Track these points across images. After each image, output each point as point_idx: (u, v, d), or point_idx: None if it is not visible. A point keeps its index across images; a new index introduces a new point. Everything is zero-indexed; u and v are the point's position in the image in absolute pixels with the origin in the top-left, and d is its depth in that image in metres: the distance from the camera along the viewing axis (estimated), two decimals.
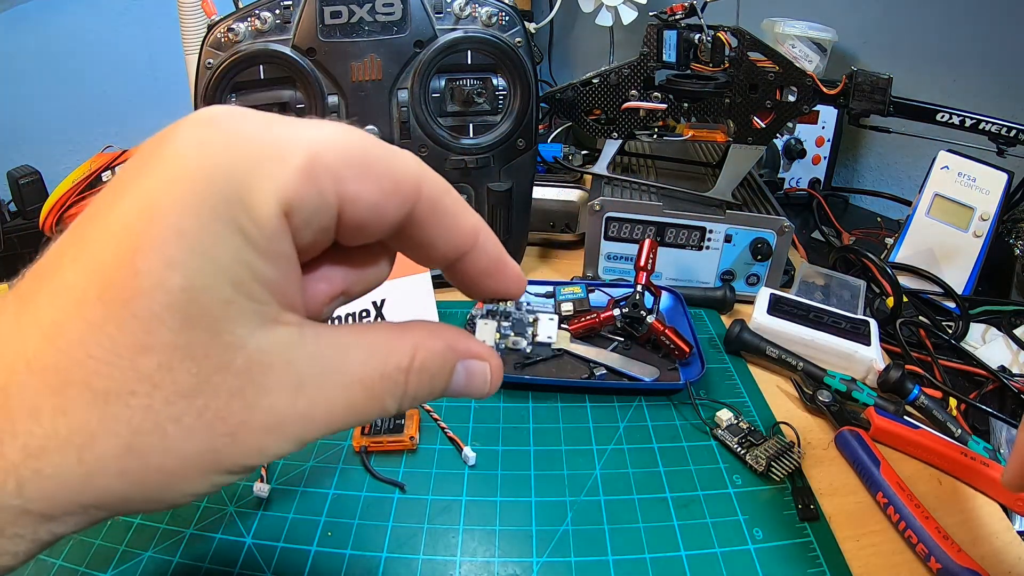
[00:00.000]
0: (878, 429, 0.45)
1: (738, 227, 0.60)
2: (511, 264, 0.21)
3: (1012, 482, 0.30)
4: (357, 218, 0.17)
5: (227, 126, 0.16)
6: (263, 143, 0.16)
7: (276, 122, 0.16)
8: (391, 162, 0.17)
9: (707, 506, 0.40)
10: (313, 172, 0.16)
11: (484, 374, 0.20)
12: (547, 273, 0.69)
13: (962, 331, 0.60)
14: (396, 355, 0.18)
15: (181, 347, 0.14)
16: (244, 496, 0.40)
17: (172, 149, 0.15)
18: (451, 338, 0.20)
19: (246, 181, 0.15)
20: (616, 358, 0.53)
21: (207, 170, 0.15)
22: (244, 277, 0.15)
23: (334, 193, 0.16)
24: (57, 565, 0.36)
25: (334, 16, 0.50)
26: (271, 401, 0.16)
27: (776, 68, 0.55)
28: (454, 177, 0.57)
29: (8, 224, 0.73)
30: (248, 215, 0.15)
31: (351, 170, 0.16)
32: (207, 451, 0.15)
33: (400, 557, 0.37)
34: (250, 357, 0.15)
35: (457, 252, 0.20)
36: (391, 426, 0.44)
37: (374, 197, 0.17)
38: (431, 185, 0.18)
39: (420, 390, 0.19)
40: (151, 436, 0.14)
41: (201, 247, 0.14)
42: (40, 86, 0.98)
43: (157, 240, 0.14)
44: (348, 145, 0.16)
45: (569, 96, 0.61)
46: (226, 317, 0.15)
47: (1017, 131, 0.53)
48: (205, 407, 0.15)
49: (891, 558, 0.37)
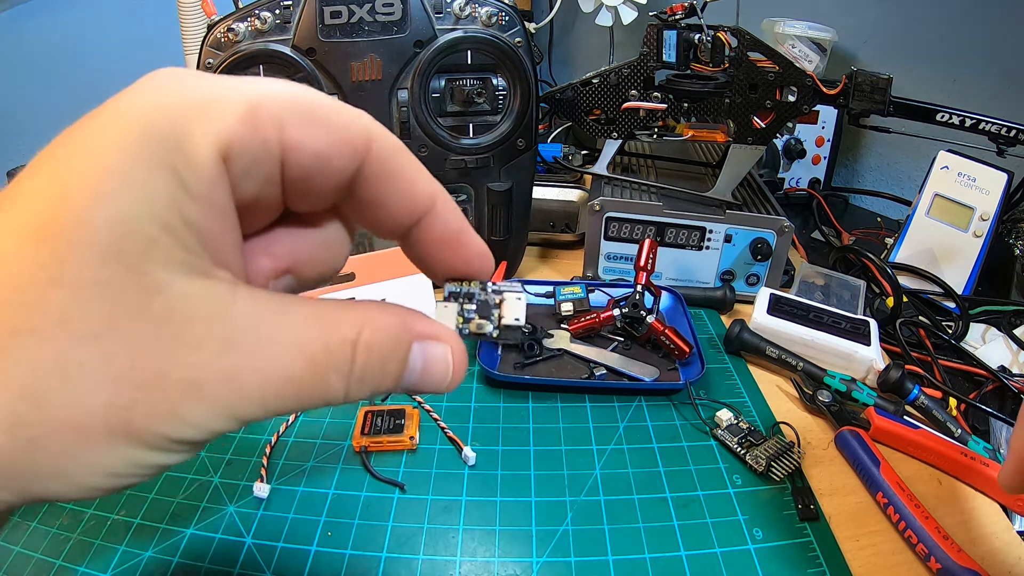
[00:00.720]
0: (878, 429, 0.45)
1: (738, 227, 0.60)
2: (474, 238, 0.20)
3: (1008, 484, 0.30)
4: (302, 167, 0.16)
5: (170, 81, 0.15)
6: (205, 92, 0.15)
7: (222, 77, 0.16)
8: (339, 112, 0.17)
9: (707, 506, 0.40)
10: (254, 116, 0.15)
11: (445, 359, 0.18)
12: (547, 273, 0.69)
13: (962, 331, 0.60)
14: (343, 326, 0.16)
15: (96, 283, 0.13)
16: (244, 496, 0.40)
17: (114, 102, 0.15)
18: (406, 316, 0.18)
19: (184, 126, 0.14)
20: (616, 358, 0.53)
21: (146, 116, 0.14)
22: (174, 220, 0.14)
23: (276, 140, 0.16)
24: (57, 565, 0.36)
25: (334, 16, 0.50)
26: (190, 357, 0.14)
27: (776, 68, 0.55)
28: (454, 177, 0.57)
29: None
30: (183, 157, 0.14)
31: (295, 116, 0.16)
32: (115, 407, 0.13)
33: (400, 557, 0.37)
34: (170, 304, 0.14)
35: (411, 215, 0.19)
36: (391, 426, 0.44)
37: (320, 144, 0.16)
38: (383, 141, 0.17)
39: (369, 370, 0.17)
40: (51, 379, 0.13)
41: (132, 184, 0.14)
42: (40, 85, 0.98)
43: (89, 175, 0.14)
44: (293, 94, 0.16)
45: (569, 96, 0.61)
46: (149, 257, 0.14)
47: (1017, 131, 0.53)
48: (114, 353, 0.13)
49: (891, 558, 0.37)
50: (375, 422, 0.45)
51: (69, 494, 0.14)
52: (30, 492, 0.14)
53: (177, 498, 0.40)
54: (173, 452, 0.15)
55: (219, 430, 0.15)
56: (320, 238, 0.19)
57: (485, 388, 0.51)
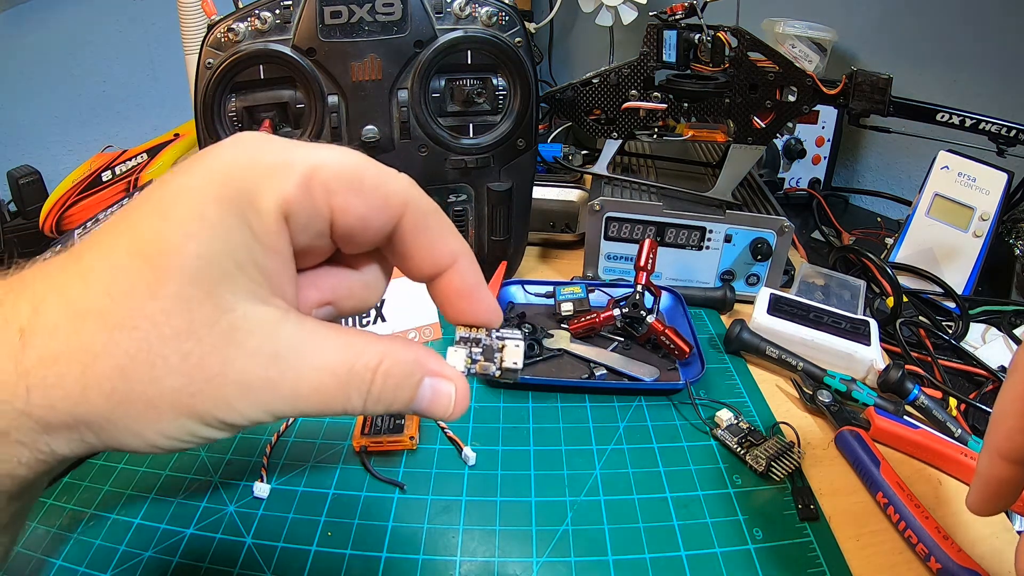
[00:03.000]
0: (878, 429, 0.45)
1: (738, 227, 0.60)
2: (487, 294, 0.24)
3: (976, 508, 0.28)
4: (346, 226, 0.20)
5: (249, 145, 0.20)
6: (274, 159, 0.19)
7: (290, 144, 0.20)
8: (383, 181, 0.21)
9: (707, 506, 0.40)
10: (309, 185, 0.19)
11: (449, 396, 0.22)
12: (547, 273, 0.69)
13: (962, 331, 0.60)
14: (367, 355, 0.20)
15: (182, 299, 0.17)
16: (244, 496, 0.40)
17: (204, 158, 0.19)
18: (421, 355, 0.21)
19: (256, 187, 0.19)
20: (616, 358, 0.53)
21: (228, 175, 0.19)
22: (245, 259, 0.18)
23: (326, 204, 0.20)
24: (57, 565, 0.36)
25: (334, 16, 0.50)
26: (245, 363, 0.18)
27: (776, 68, 0.55)
28: (454, 177, 0.57)
29: (8, 224, 0.73)
30: (255, 212, 0.18)
31: (343, 185, 0.20)
32: (184, 392, 0.18)
33: (400, 557, 0.37)
34: (234, 322, 0.18)
35: (435, 268, 0.23)
36: (391, 426, 0.44)
37: (362, 210, 0.20)
38: (417, 205, 0.21)
39: (384, 393, 0.20)
40: (141, 365, 0.17)
41: (215, 228, 0.18)
42: (40, 86, 0.98)
43: (183, 217, 0.18)
44: (343, 164, 0.20)
45: (569, 96, 0.61)
46: (223, 285, 0.18)
47: (1017, 131, 0.53)
48: (190, 352, 0.18)
49: (891, 558, 0.37)
50: (375, 422, 0.44)
51: (137, 447, 0.18)
52: (112, 440, 0.18)
53: (177, 498, 0.40)
54: (219, 430, 0.19)
55: (258, 420, 0.19)
56: (360, 279, 0.24)
57: (485, 388, 0.51)
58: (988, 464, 0.27)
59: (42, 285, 0.18)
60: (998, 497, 0.27)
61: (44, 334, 0.17)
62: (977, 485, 0.28)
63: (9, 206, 0.76)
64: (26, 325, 0.17)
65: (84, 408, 0.17)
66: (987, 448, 0.27)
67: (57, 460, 0.18)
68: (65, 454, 0.18)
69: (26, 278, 0.18)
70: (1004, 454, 0.26)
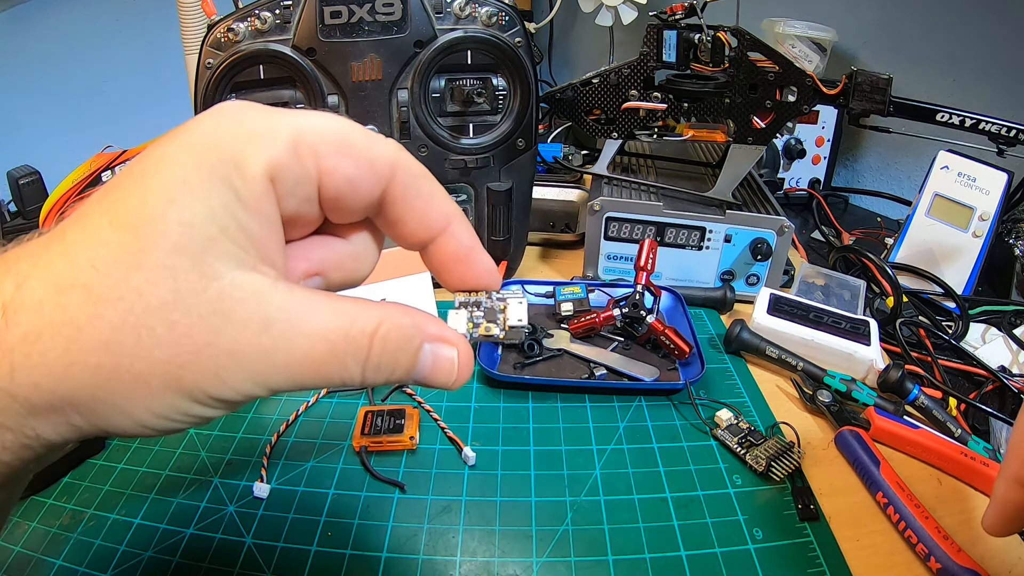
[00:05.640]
0: (878, 429, 0.45)
1: (738, 227, 0.60)
2: (483, 256, 0.23)
3: (992, 530, 0.30)
4: (335, 189, 0.20)
5: (233, 112, 0.19)
6: (259, 124, 0.19)
7: (274, 111, 0.19)
8: (370, 143, 0.20)
9: (707, 506, 0.40)
10: (296, 147, 0.19)
11: (451, 360, 0.21)
12: (547, 273, 0.69)
13: (962, 331, 0.60)
14: (362, 320, 0.19)
15: (167, 268, 0.17)
16: (244, 496, 0.40)
17: (185, 128, 0.18)
18: (420, 318, 0.21)
19: (241, 151, 0.18)
20: (616, 358, 0.53)
21: (211, 141, 0.18)
22: (230, 224, 0.18)
23: (314, 166, 0.19)
24: (57, 565, 0.36)
25: (334, 16, 0.50)
26: (235, 331, 0.17)
27: (776, 68, 0.55)
28: (454, 177, 0.57)
29: (8, 224, 0.73)
30: (240, 176, 0.18)
31: (330, 148, 0.19)
32: (172, 363, 0.17)
33: (400, 557, 0.37)
34: (222, 290, 0.17)
35: (428, 233, 0.22)
36: (391, 426, 0.44)
37: (350, 171, 0.20)
38: (406, 168, 0.21)
39: (383, 361, 0.19)
40: (127, 337, 0.17)
41: (198, 193, 0.17)
42: (40, 86, 0.98)
43: (165, 185, 0.17)
44: (330, 127, 0.19)
45: (569, 96, 0.61)
46: (209, 252, 0.17)
47: (1017, 131, 0.53)
48: (176, 322, 0.17)
49: (891, 558, 0.37)
50: (375, 422, 0.45)
51: (125, 427, 0.17)
52: (100, 421, 0.17)
53: (177, 498, 0.40)
54: (211, 408, 0.18)
55: (251, 395, 0.18)
56: (350, 249, 0.23)
57: (485, 388, 0.51)
58: (1005, 489, 0.29)
59: (26, 263, 0.17)
60: (1015, 520, 0.29)
61: (28, 310, 0.16)
62: (994, 508, 0.30)
63: (9, 206, 0.76)
64: (9, 302, 0.16)
65: (68, 385, 0.16)
66: (1004, 474, 0.29)
67: (43, 446, 0.17)
68: (52, 439, 0.17)
69: (9, 258, 0.18)
70: (1021, 480, 0.28)
